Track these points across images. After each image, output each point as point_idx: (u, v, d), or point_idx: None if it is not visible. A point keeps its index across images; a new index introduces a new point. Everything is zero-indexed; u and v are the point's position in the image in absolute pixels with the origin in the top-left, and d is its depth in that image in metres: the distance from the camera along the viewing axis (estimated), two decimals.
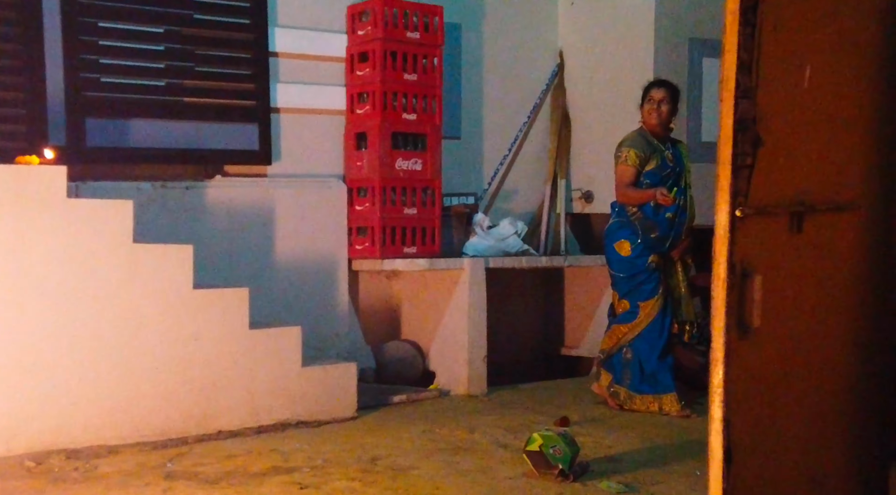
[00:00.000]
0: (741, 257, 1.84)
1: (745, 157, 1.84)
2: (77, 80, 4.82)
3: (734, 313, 1.84)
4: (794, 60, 1.93)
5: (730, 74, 1.83)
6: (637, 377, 5.13)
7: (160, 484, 3.61)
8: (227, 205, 5.29)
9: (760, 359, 1.92)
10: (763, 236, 1.89)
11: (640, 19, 6.35)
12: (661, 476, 3.74)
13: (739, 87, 1.82)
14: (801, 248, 1.98)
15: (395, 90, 5.66)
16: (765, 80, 1.86)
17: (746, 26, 1.81)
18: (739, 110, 1.82)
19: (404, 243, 5.68)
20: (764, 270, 1.88)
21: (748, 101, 1.83)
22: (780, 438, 1.99)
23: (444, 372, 5.74)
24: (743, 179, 1.84)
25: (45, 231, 4.03)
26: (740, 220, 1.83)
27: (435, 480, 3.66)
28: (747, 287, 1.85)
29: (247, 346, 4.57)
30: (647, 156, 5.07)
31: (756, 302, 1.86)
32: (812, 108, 1.98)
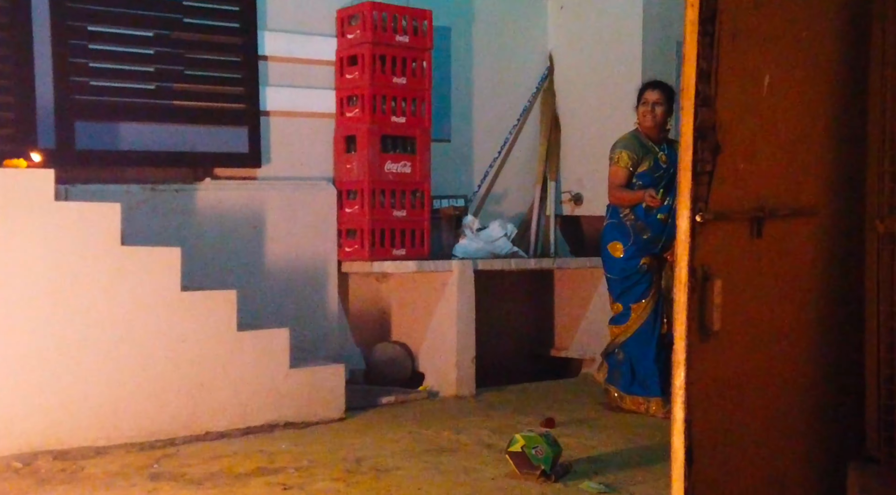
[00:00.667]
0: (702, 261, 1.88)
1: (705, 164, 1.88)
2: (66, 84, 4.86)
3: (695, 316, 1.88)
4: (752, 69, 1.97)
5: (689, 83, 1.87)
6: (627, 378, 5.16)
7: (145, 484, 3.64)
8: (217, 207, 5.33)
9: (721, 361, 1.95)
10: (723, 241, 1.93)
11: (629, 22, 6.39)
12: (642, 476, 3.77)
13: (699, 96, 1.86)
14: (761, 253, 2.02)
15: (385, 93, 5.70)
16: (724, 89, 1.90)
17: (705, 36, 1.85)
18: (699, 118, 1.86)
19: (393, 245, 5.72)
20: (724, 274, 1.91)
21: (707, 109, 1.86)
22: (741, 438, 2.02)
23: (433, 373, 5.78)
24: (703, 185, 1.88)
25: (33, 234, 4.07)
26: (701, 226, 1.87)
27: (418, 480, 3.70)
28: (708, 291, 1.89)
29: (235, 348, 4.61)
30: (640, 157, 5.10)
31: (716, 305, 1.90)
32: (771, 116, 2.01)
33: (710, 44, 1.86)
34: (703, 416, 1.90)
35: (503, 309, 6.64)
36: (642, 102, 5.11)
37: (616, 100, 6.47)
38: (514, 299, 6.75)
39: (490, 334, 6.27)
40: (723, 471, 1.97)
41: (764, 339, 2.05)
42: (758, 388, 2.04)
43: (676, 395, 1.89)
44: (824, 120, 2.10)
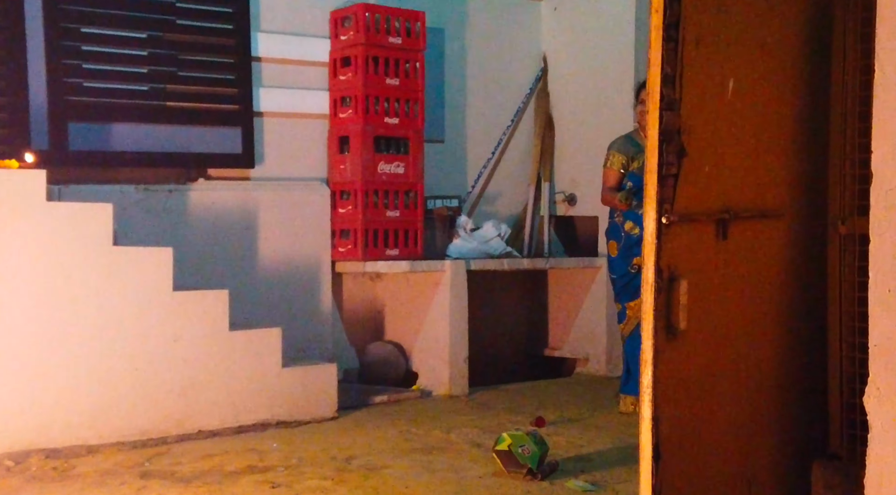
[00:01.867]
0: (668, 262, 1.91)
1: (670, 167, 1.91)
2: (60, 85, 4.90)
3: (662, 316, 1.91)
4: (717, 73, 2.00)
5: (654, 87, 1.90)
6: (624, 377, 5.20)
7: (135, 482, 3.68)
8: (210, 208, 5.37)
9: (687, 360, 1.98)
10: (689, 242, 1.96)
11: (622, 23, 6.42)
12: (628, 474, 3.79)
13: (664, 100, 1.89)
14: (727, 254, 2.05)
15: (378, 94, 5.73)
16: (688, 93, 1.93)
17: (669, 41, 1.87)
18: (664, 122, 1.89)
19: (387, 245, 5.76)
20: (690, 275, 1.94)
21: (672, 112, 1.89)
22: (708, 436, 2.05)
23: (427, 372, 5.81)
24: (669, 188, 1.91)
25: (25, 234, 4.11)
26: (666, 227, 1.89)
27: (405, 479, 3.73)
28: (674, 291, 1.92)
29: (227, 347, 4.65)
30: (631, 157, 5.12)
31: (682, 305, 1.93)
32: (736, 119, 2.04)
33: (675, 49, 1.89)
34: (671, 414, 1.93)
35: (497, 309, 6.67)
36: (640, 102, 5.11)
37: (610, 100, 6.51)
38: (507, 299, 6.79)
39: (484, 334, 6.30)
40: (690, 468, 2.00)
41: (730, 339, 2.08)
42: (724, 387, 2.07)
43: (644, 394, 1.92)
44: (788, 123, 2.13)
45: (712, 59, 1.96)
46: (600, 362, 6.41)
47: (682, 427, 1.97)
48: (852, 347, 2.06)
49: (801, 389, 2.20)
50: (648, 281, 1.90)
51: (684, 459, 1.98)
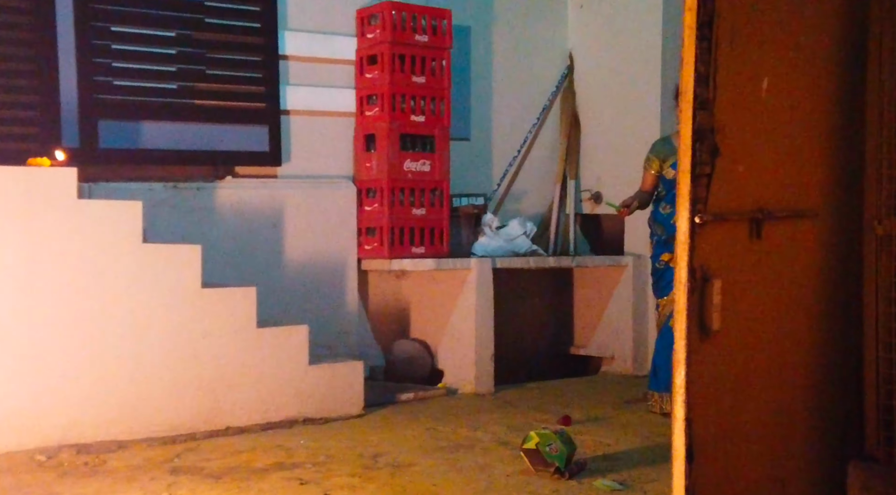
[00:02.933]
0: (701, 262, 1.90)
1: (704, 166, 1.90)
2: (90, 83, 4.95)
3: (695, 316, 1.90)
4: (750, 73, 1.98)
5: (688, 87, 1.89)
6: (651, 373, 5.20)
7: (165, 478, 3.71)
8: (238, 205, 5.40)
9: (721, 360, 1.97)
10: (722, 242, 1.95)
11: (649, 21, 6.39)
12: (656, 473, 3.78)
13: (697, 99, 1.88)
14: (760, 254, 2.03)
15: (404, 92, 5.74)
16: (722, 92, 1.92)
17: (703, 40, 1.86)
18: (697, 121, 1.88)
19: (413, 243, 5.76)
20: (723, 275, 1.93)
21: (705, 112, 1.88)
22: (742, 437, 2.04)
23: (452, 370, 5.81)
24: (702, 187, 1.90)
25: (56, 231, 4.15)
26: (700, 227, 1.89)
27: (433, 477, 3.74)
28: (707, 291, 1.91)
29: (255, 344, 4.67)
30: (663, 159, 5.12)
31: (716, 305, 1.92)
32: (770, 119, 2.03)
33: (708, 48, 1.88)
34: (704, 415, 1.92)
35: (522, 307, 6.67)
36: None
37: (636, 98, 6.48)
38: (533, 297, 6.78)
39: (509, 332, 6.30)
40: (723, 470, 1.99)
41: (763, 339, 2.06)
42: (758, 388, 2.06)
43: (677, 394, 1.91)
44: (823, 123, 2.11)
45: (746, 59, 1.95)
46: (626, 361, 6.38)
47: (715, 428, 1.96)
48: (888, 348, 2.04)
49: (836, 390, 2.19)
50: (681, 280, 1.90)
51: (717, 460, 1.97)
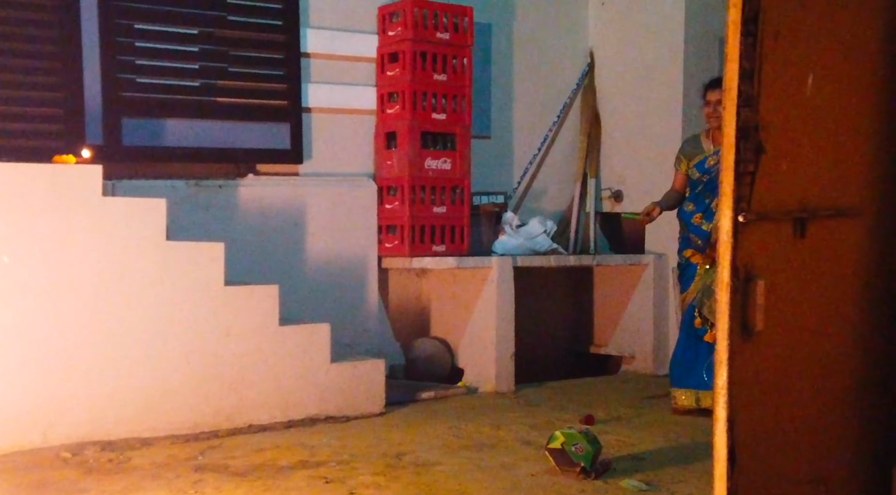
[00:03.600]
0: (744, 261, 1.88)
1: (748, 164, 1.87)
2: (114, 81, 4.95)
3: (738, 316, 1.88)
4: (795, 69, 1.95)
5: (732, 83, 1.87)
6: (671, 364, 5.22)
7: (190, 476, 3.71)
8: (259, 203, 5.40)
9: (764, 361, 1.95)
10: (766, 241, 1.92)
11: (671, 19, 6.36)
12: (683, 474, 3.76)
13: (741, 96, 1.86)
14: (804, 253, 2.00)
15: (425, 90, 5.73)
16: (767, 89, 1.89)
17: (748, 36, 1.84)
18: (741, 118, 1.85)
19: (433, 241, 5.75)
20: (767, 274, 1.91)
21: (750, 109, 1.86)
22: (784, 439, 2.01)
23: (473, 369, 5.80)
24: (745, 186, 1.87)
25: (81, 229, 4.16)
26: (743, 226, 1.86)
27: (458, 476, 3.72)
28: (750, 291, 1.89)
29: (277, 342, 4.67)
30: (689, 158, 5.11)
31: (759, 305, 1.89)
32: (814, 116, 2.00)
33: (753, 44, 1.85)
34: (746, 416, 1.90)
35: (542, 305, 6.65)
36: (705, 103, 5.05)
37: (658, 96, 6.45)
38: (552, 296, 6.76)
39: (528, 330, 6.27)
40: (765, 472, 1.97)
41: (807, 340, 2.04)
42: (800, 388, 2.03)
43: (719, 395, 1.89)
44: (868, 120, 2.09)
45: (791, 55, 1.92)
46: (647, 360, 6.36)
47: (757, 429, 1.94)
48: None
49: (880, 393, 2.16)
50: (724, 280, 1.87)
51: (759, 462, 1.94)
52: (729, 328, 1.86)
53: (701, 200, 5.04)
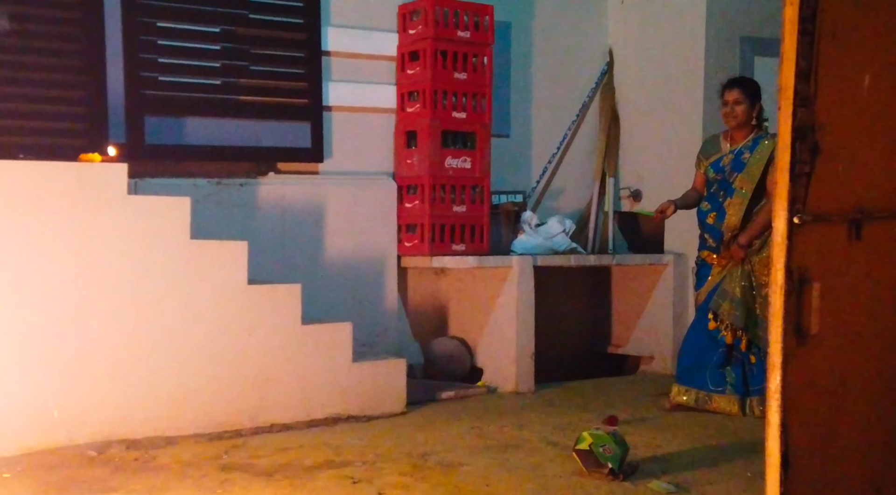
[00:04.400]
0: (799, 264, 1.85)
1: (804, 165, 1.85)
2: (137, 79, 4.94)
3: (792, 319, 1.86)
4: (853, 68, 1.93)
5: (788, 82, 1.84)
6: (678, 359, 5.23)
7: (217, 475, 3.70)
8: (280, 201, 5.39)
9: (818, 365, 1.93)
10: (821, 243, 1.90)
11: (692, 17, 6.32)
12: (711, 476, 3.74)
13: (798, 95, 1.83)
14: (860, 256, 1.98)
15: (446, 89, 5.71)
16: (824, 88, 1.87)
17: (805, 35, 1.81)
18: (798, 118, 1.83)
19: (453, 240, 5.73)
20: (822, 277, 1.89)
21: (806, 109, 1.84)
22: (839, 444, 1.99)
23: (492, 368, 5.78)
24: (801, 187, 1.85)
25: (107, 227, 4.15)
26: (798, 227, 1.84)
27: (485, 476, 3.71)
28: (805, 293, 1.86)
29: (299, 341, 4.66)
30: (709, 157, 5.11)
31: (814, 308, 1.87)
32: (871, 116, 1.98)
33: (810, 42, 1.83)
34: (800, 421, 1.87)
35: (560, 305, 6.62)
36: (723, 103, 5.04)
37: (677, 96, 6.42)
38: (570, 295, 6.73)
39: (545, 330, 6.24)
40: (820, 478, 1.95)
41: (862, 343, 2.02)
42: (855, 392, 2.01)
43: (772, 399, 1.87)
44: None
45: (848, 54, 1.90)
46: (666, 360, 6.32)
47: (812, 434, 1.91)
48: None
49: None
50: (778, 282, 1.85)
51: (813, 467, 1.92)
52: (783, 331, 1.84)
53: (715, 199, 5.03)
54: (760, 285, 4.91)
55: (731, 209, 4.94)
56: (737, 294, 4.91)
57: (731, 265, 4.96)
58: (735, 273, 4.94)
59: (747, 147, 4.96)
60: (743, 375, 4.95)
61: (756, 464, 3.89)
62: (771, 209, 4.83)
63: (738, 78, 5.16)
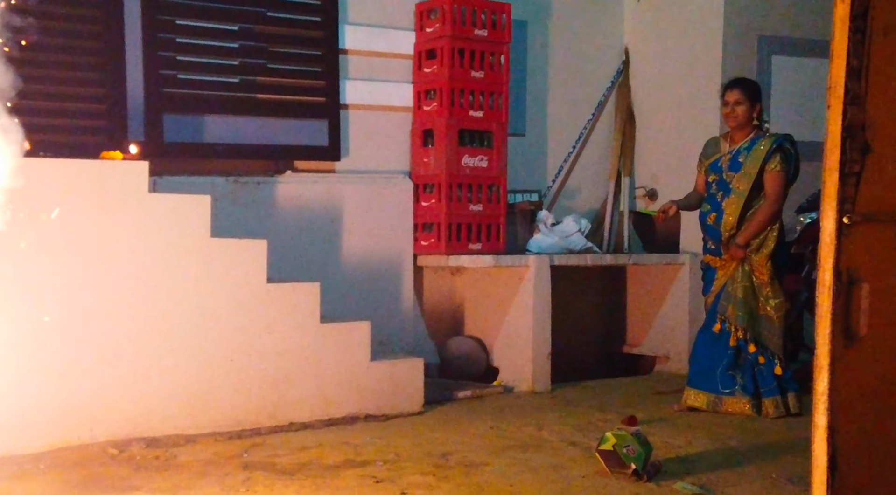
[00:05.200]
0: (848, 265, 1.83)
1: (853, 164, 1.83)
2: (156, 77, 4.93)
3: (840, 321, 1.83)
4: None
5: (838, 81, 1.82)
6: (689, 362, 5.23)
7: (239, 474, 3.69)
8: (296, 200, 5.37)
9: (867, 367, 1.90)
10: (870, 244, 1.88)
11: (709, 16, 6.30)
12: (735, 477, 3.72)
13: (848, 94, 1.81)
14: None
15: (463, 87, 5.69)
16: (874, 87, 1.85)
17: (856, 32, 1.79)
18: (848, 117, 1.81)
19: (470, 239, 5.72)
20: (871, 278, 1.87)
21: (857, 107, 1.81)
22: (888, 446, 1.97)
23: (508, 368, 5.77)
24: (850, 186, 1.83)
25: (128, 225, 4.14)
26: (847, 228, 1.82)
27: (508, 477, 3.69)
28: (854, 295, 1.84)
29: (317, 340, 4.65)
30: (707, 160, 5.11)
31: (863, 310, 1.85)
32: None
33: (862, 40, 1.80)
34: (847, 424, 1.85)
35: (575, 304, 6.60)
36: (723, 103, 5.04)
37: (693, 94, 6.39)
38: (585, 295, 6.71)
39: (561, 330, 6.22)
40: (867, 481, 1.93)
41: None
42: None
43: (819, 401, 1.85)
44: None
45: None
46: (682, 360, 6.29)
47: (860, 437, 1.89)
48: None
49: None
50: (825, 283, 1.83)
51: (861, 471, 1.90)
52: (831, 333, 1.82)
53: (714, 200, 5.02)
54: (761, 285, 4.89)
55: (728, 208, 4.92)
56: (738, 294, 4.89)
57: (733, 266, 4.94)
58: (737, 274, 4.92)
59: (745, 147, 4.95)
60: (753, 377, 4.93)
61: (780, 466, 3.88)
62: (768, 209, 4.91)
63: (738, 78, 5.15)
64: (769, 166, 4.87)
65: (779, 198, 4.88)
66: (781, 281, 4.97)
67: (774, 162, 4.87)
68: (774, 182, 4.87)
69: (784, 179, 4.89)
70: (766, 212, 4.87)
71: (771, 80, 6.36)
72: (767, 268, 4.88)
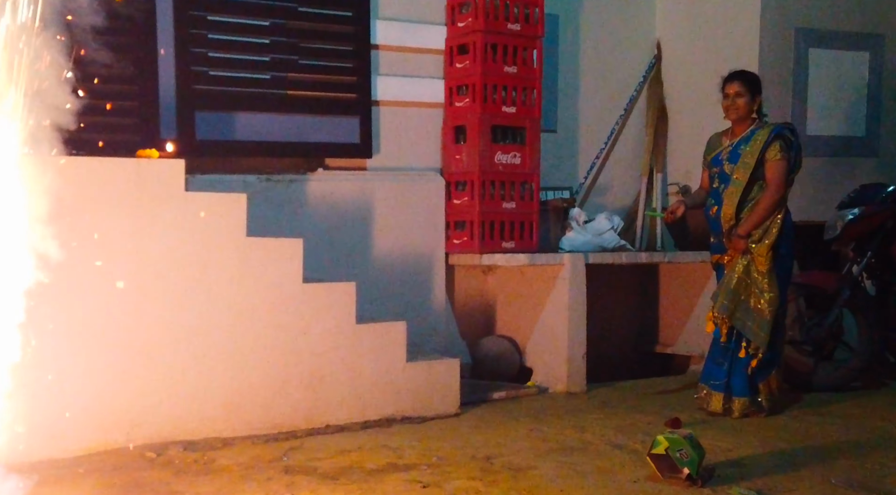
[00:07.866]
0: None
1: None
2: (187, 74, 4.85)
3: None
4: None
5: None
6: None
7: (281, 478, 3.60)
8: (328, 198, 5.29)
9: None
10: None
11: (745, 8, 6.19)
12: (790, 482, 3.61)
13: None
14: None
15: (495, 83, 5.59)
16: None
17: None
18: None
19: (503, 238, 5.62)
20: None
21: None
22: None
23: (542, 368, 5.67)
24: None
25: (164, 224, 4.06)
26: None
27: (557, 481, 3.59)
28: None
29: (353, 341, 4.56)
30: (709, 154, 5.03)
31: None
32: None
33: None
34: None
35: (607, 303, 6.50)
36: (723, 96, 4.93)
37: None
38: (618, 293, 6.61)
39: (593, 329, 6.12)
40: None
41: None
42: None
43: None
44: None
45: None
46: None
47: None
48: None
49: None
50: None
51: None
52: None
53: (717, 193, 4.93)
54: (759, 276, 4.78)
55: (727, 199, 4.82)
56: (731, 285, 4.78)
57: (737, 258, 4.84)
58: (737, 265, 4.81)
59: (745, 139, 4.85)
60: (728, 370, 4.81)
61: (837, 470, 3.77)
62: (769, 198, 4.78)
63: (738, 71, 5.03)
64: (769, 155, 4.77)
65: (780, 186, 4.77)
66: (784, 274, 4.85)
67: (774, 150, 4.76)
68: (775, 170, 4.76)
69: (785, 168, 4.78)
70: (768, 201, 4.75)
71: (808, 73, 6.24)
72: (768, 257, 4.77)
